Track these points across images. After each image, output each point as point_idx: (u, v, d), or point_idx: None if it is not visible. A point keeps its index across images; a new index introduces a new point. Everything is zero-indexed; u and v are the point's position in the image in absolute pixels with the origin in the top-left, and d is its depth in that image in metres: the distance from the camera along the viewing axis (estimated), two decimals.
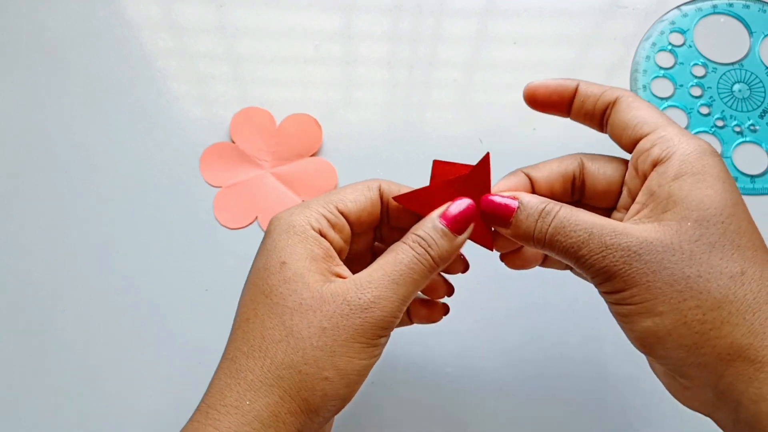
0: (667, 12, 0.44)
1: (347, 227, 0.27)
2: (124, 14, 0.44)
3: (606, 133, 0.29)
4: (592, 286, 0.36)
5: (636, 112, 0.27)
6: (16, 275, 0.38)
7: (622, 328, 0.25)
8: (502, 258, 0.30)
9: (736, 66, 0.42)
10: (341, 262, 0.26)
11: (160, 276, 0.38)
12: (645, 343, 0.24)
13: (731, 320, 0.23)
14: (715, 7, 0.44)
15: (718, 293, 0.23)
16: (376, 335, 0.25)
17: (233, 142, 0.41)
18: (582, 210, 0.25)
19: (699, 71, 0.42)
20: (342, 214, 0.27)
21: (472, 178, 0.29)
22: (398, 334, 0.36)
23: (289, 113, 0.41)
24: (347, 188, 0.28)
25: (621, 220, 0.27)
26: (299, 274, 0.25)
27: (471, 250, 0.38)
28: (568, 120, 0.41)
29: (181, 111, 0.42)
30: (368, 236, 0.30)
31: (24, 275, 0.38)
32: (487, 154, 0.29)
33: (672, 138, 0.25)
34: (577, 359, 0.36)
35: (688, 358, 0.23)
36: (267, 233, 0.27)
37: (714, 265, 0.23)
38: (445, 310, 0.31)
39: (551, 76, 0.42)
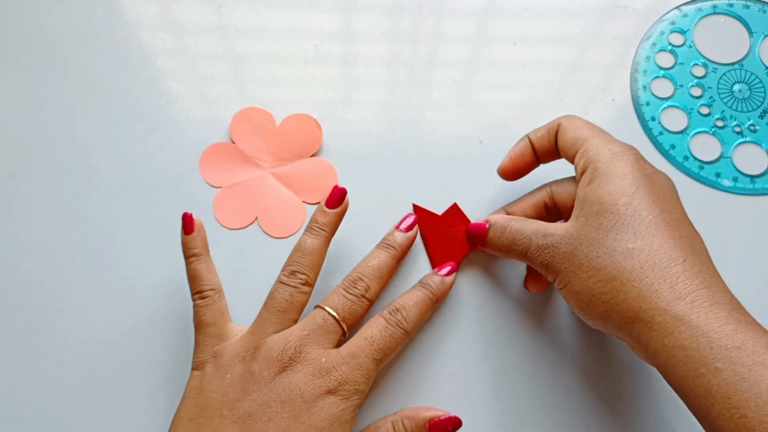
0: (667, 12, 0.44)
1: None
2: (124, 14, 0.44)
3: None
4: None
5: (571, 134, 0.33)
6: (16, 275, 0.38)
7: (570, 304, 0.31)
8: (527, 286, 0.37)
9: (736, 66, 0.42)
10: None
11: (160, 276, 0.38)
12: (579, 315, 0.31)
13: (624, 288, 0.28)
14: (715, 7, 0.44)
15: (612, 268, 0.28)
16: None
17: (233, 142, 0.41)
18: (530, 221, 0.33)
19: (699, 71, 0.42)
20: None
21: (473, 232, 0.37)
22: None
23: (289, 113, 0.41)
24: (390, 344, 0.33)
25: None
26: None
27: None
28: None
29: (181, 111, 0.42)
30: None
31: (23, 275, 0.38)
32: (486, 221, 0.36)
33: (592, 149, 0.31)
34: (578, 359, 0.36)
35: (606, 324, 0.29)
36: (335, 397, 0.31)
37: (609, 245, 0.29)
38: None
39: (551, 75, 0.42)
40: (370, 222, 0.38)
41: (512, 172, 0.36)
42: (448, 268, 0.36)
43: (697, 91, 0.42)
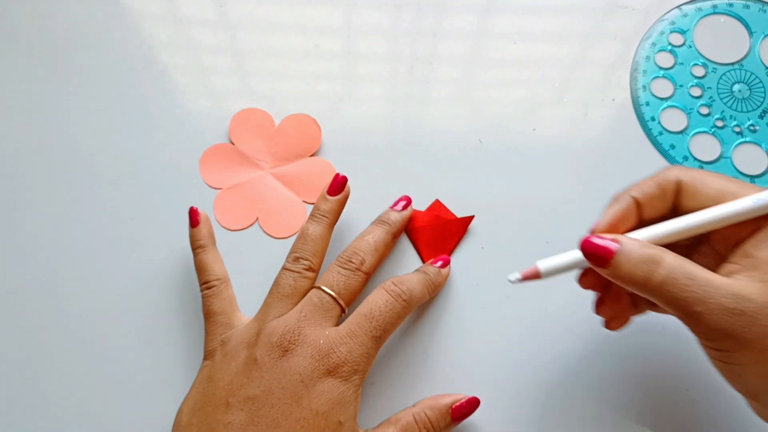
0: (667, 12, 0.44)
1: None
2: (124, 14, 0.44)
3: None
4: (593, 292, 0.37)
5: (708, 191, 0.27)
6: (16, 275, 0.38)
7: (725, 376, 0.27)
8: (608, 326, 0.32)
9: (736, 66, 0.42)
10: None
11: (160, 277, 0.38)
12: (752, 394, 0.26)
13: None
14: (715, 7, 0.43)
15: None
16: None
17: (232, 143, 0.41)
18: (688, 261, 0.26)
19: (699, 71, 0.42)
20: None
21: (456, 224, 0.38)
22: (396, 333, 0.36)
23: (288, 113, 0.41)
24: (390, 319, 0.33)
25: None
26: None
27: (467, 252, 0.38)
28: (567, 120, 0.41)
29: (181, 113, 0.42)
30: None
31: (23, 275, 0.38)
32: (473, 216, 0.38)
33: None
34: (578, 361, 0.36)
35: None
36: (335, 379, 0.31)
37: None
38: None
39: (551, 75, 0.42)
40: (370, 221, 0.38)
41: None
42: (440, 262, 0.36)
43: (696, 91, 0.42)
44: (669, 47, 0.43)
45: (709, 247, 0.29)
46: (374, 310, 0.32)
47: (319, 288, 0.33)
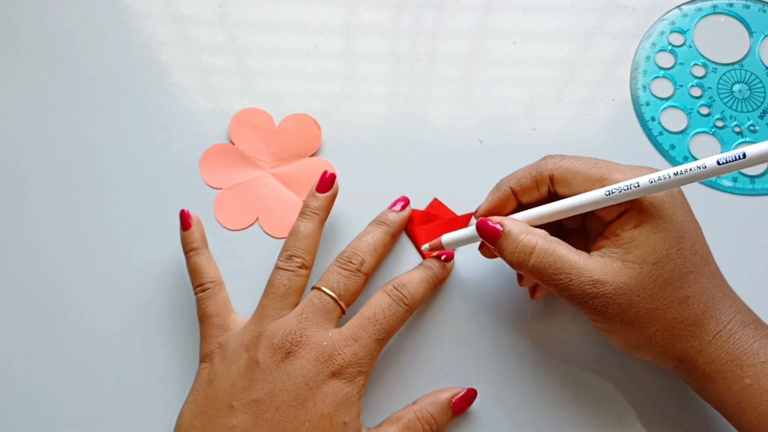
0: (667, 12, 0.44)
1: None
2: (124, 15, 0.44)
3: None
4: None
5: (579, 179, 0.31)
6: (16, 275, 0.38)
7: (605, 337, 0.32)
8: (531, 296, 0.36)
9: (736, 66, 0.42)
10: None
11: (161, 277, 0.38)
12: (625, 351, 0.31)
13: (680, 335, 0.29)
14: (715, 7, 0.43)
15: (671, 319, 0.29)
16: None
17: (233, 143, 0.41)
18: (563, 245, 0.30)
19: (699, 71, 0.42)
20: None
21: (455, 222, 0.38)
22: (397, 334, 0.36)
23: (288, 113, 0.41)
24: (393, 322, 0.33)
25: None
26: None
27: (467, 252, 0.38)
28: (567, 119, 0.41)
29: (181, 113, 0.42)
30: None
31: (23, 275, 0.38)
32: (471, 213, 0.38)
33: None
34: (578, 360, 0.36)
35: (655, 359, 0.31)
36: (339, 380, 0.31)
37: (666, 297, 0.29)
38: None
39: (551, 74, 0.42)
40: (369, 220, 0.38)
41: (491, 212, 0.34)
42: (444, 256, 0.36)
43: (696, 91, 0.42)
44: (669, 47, 0.43)
45: (587, 226, 0.34)
46: (377, 313, 0.32)
47: (320, 289, 0.33)
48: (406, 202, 0.37)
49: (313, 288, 0.34)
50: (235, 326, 0.34)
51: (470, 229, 0.34)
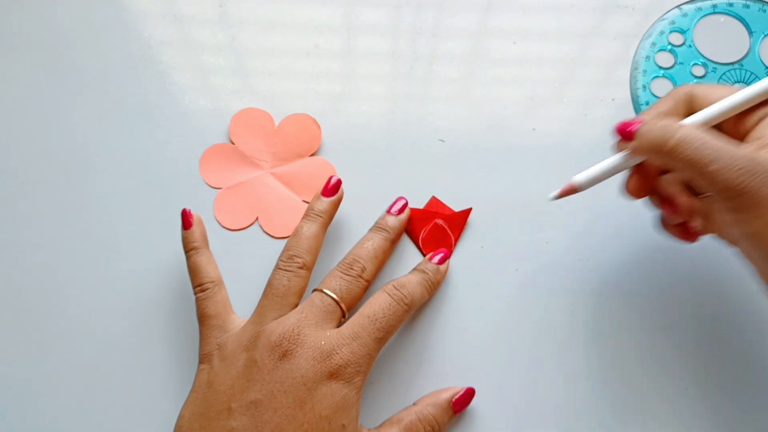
0: (667, 11, 0.44)
1: None
2: (124, 15, 0.44)
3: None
4: (596, 290, 0.37)
5: (715, 96, 0.30)
6: (16, 275, 0.38)
7: (742, 235, 0.28)
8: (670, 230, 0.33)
9: (736, 66, 0.42)
10: None
11: (161, 277, 0.38)
12: (760, 244, 0.27)
13: None
14: (715, 6, 0.43)
15: None
16: None
17: (232, 143, 0.41)
18: (705, 131, 0.28)
19: (699, 71, 0.42)
20: None
21: (455, 218, 0.38)
22: (397, 333, 0.36)
23: (288, 113, 0.41)
24: (393, 321, 0.33)
25: None
26: None
27: (467, 252, 0.38)
28: (567, 119, 0.41)
29: (181, 112, 0.42)
30: None
31: (23, 275, 0.38)
32: (470, 208, 0.38)
33: None
34: (577, 360, 0.36)
35: None
36: (337, 382, 0.31)
37: None
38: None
39: (551, 74, 0.42)
40: (370, 221, 0.38)
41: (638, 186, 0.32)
42: (440, 255, 0.36)
43: None
44: (669, 47, 0.43)
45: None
46: (377, 312, 0.32)
47: (321, 291, 0.33)
48: (405, 203, 0.37)
49: (314, 290, 0.34)
50: (234, 327, 0.33)
51: (602, 164, 0.31)
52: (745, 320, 0.36)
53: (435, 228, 0.38)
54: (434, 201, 0.39)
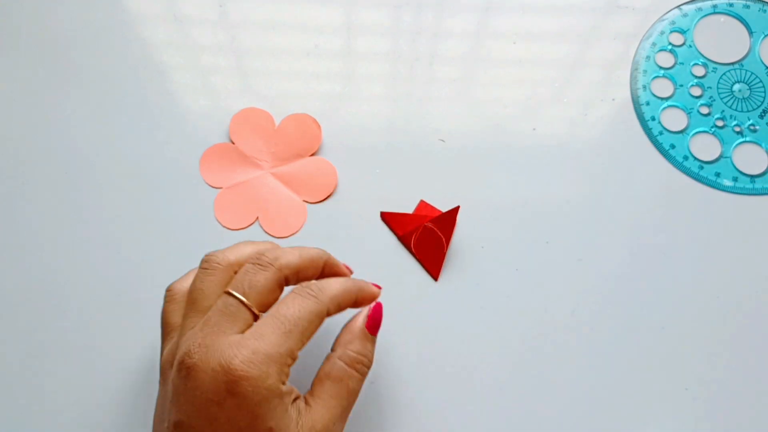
0: (667, 12, 0.44)
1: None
2: (124, 15, 0.44)
3: None
4: (596, 290, 0.37)
5: None
6: (16, 275, 0.38)
7: None
8: None
9: (736, 66, 0.42)
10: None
11: (161, 277, 0.38)
12: None
13: None
14: (715, 6, 0.44)
15: None
16: None
17: (233, 142, 0.41)
18: None
19: (699, 71, 0.42)
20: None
21: (443, 219, 0.37)
22: (396, 333, 0.36)
23: (288, 113, 0.41)
24: (302, 320, 0.29)
25: None
26: None
27: (467, 252, 0.38)
28: (567, 119, 0.41)
29: (181, 112, 0.42)
30: None
31: (23, 275, 0.38)
32: (458, 206, 0.37)
33: None
34: (577, 360, 0.36)
35: None
36: (239, 390, 0.27)
37: None
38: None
39: (551, 74, 0.42)
40: (369, 221, 0.38)
41: None
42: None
43: (697, 91, 0.42)
44: (669, 47, 0.43)
45: None
46: (281, 307, 0.29)
47: (227, 292, 0.29)
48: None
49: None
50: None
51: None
52: (745, 320, 0.36)
53: (425, 231, 0.38)
54: (422, 204, 0.39)
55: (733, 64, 0.42)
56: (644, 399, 0.35)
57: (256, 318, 0.29)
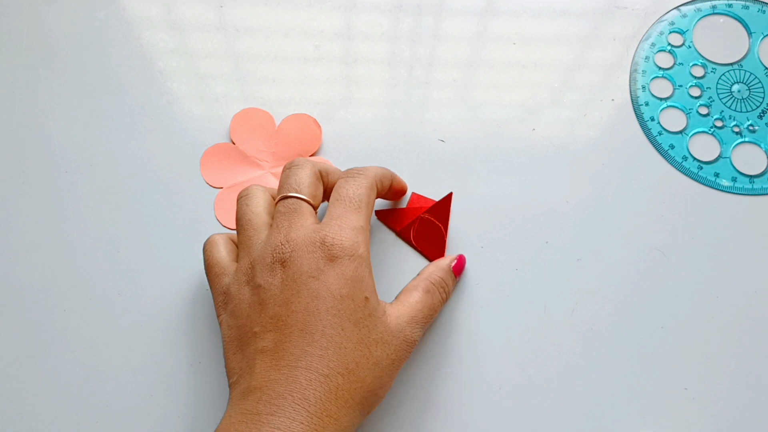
0: (666, 12, 0.44)
1: None
2: (124, 15, 0.44)
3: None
4: (596, 290, 0.37)
5: None
6: (16, 275, 0.38)
7: None
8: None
9: (735, 66, 0.42)
10: None
11: (161, 276, 0.38)
12: None
13: None
14: (714, 7, 0.44)
15: None
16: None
17: (233, 142, 0.41)
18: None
19: (698, 72, 0.42)
20: None
21: (438, 208, 0.38)
22: None
23: (288, 113, 0.41)
24: (361, 193, 0.32)
25: None
26: (376, 309, 0.31)
27: (467, 252, 0.38)
28: (566, 120, 0.42)
29: (181, 112, 0.42)
30: None
31: (24, 274, 0.38)
32: (451, 193, 0.38)
33: None
34: (577, 360, 0.36)
35: None
36: (338, 260, 0.30)
37: None
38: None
39: (550, 76, 0.42)
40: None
41: None
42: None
43: (696, 92, 0.42)
44: (668, 47, 0.43)
45: None
46: (340, 192, 0.32)
47: (280, 197, 0.33)
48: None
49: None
50: (232, 270, 0.33)
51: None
52: (746, 320, 0.37)
53: (423, 223, 0.38)
54: (415, 197, 0.39)
55: (732, 64, 0.42)
56: (644, 399, 0.35)
57: (313, 207, 0.32)
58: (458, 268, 0.36)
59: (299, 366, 0.28)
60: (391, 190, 0.36)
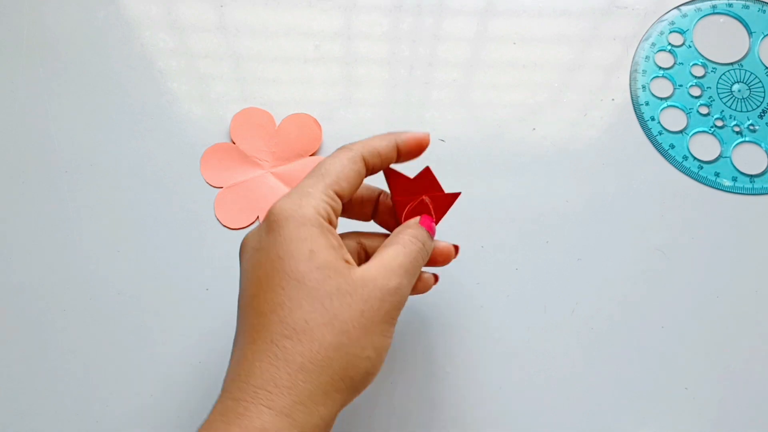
0: (667, 12, 0.44)
1: (341, 207, 0.29)
2: (124, 15, 0.44)
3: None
4: (592, 289, 0.37)
5: None
6: (16, 275, 0.38)
7: None
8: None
9: (736, 66, 0.42)
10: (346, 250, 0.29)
11: (161, 276, 0.38)
12: None
13: None
14: (714, 7, 0.44)
15: None
16: (397, 316, 0.28)
17: (233, 142, 0.41)
18: None
19: (698, 71, 0.42)
20: (337, 195, 0.29)
21: (442, 199, 0.35)
22: (396, 333, 0.36)
23: (288, 113, 0.41)
24: (334, 164, 0.30)
25: None
26: (328, 261, 0.27)
27: (467, 252, 0.38)
28: (567, 120, 0.42)
29: (182, 112, 0.42)
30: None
31: (24, 275, 0.38)
32: (458, 193, 0.35)
33: None
34: (577, 360, 0.36)
35: None
36: (275, 224, 0.27)
37: None
38: (435, 278, 0.34)
39: (550, 76, 0.42)
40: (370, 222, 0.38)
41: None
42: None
43: (696, 91, 0.42)
44: (668, 47, 0.43)
45: None
46: (324, 164, 0.30)
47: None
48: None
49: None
50: None
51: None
52: (746, 320, 0.37)
53: (420, 205, 0.36)
54: (427, 172, 0.35)
55: (732, 64, 0.42)
56: (644, 398, 0.35)
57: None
58: (426, 224, 0.32)
59: (237, 341, 0.27)
60: (402, 155, 0.33)
